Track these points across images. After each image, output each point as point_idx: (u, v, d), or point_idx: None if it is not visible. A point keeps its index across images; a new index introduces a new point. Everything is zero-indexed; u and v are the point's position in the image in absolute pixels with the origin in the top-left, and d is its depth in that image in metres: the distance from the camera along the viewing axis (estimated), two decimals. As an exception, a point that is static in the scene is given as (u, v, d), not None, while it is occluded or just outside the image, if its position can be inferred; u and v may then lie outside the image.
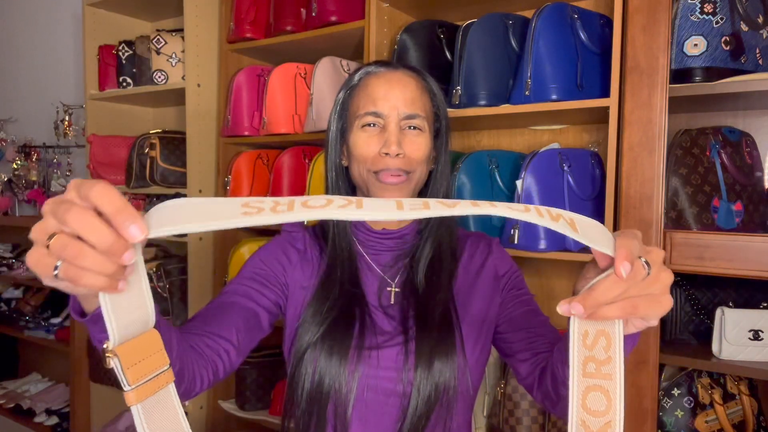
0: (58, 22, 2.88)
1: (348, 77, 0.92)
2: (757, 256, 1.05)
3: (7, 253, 2.88)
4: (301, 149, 1.79)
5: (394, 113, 0.84)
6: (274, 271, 0.88)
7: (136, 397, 0.44)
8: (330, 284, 0.86)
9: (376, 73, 0.88)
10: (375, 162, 0.85)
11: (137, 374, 0.45)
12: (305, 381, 0.80)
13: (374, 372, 0.81)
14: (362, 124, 0.86)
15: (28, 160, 2.80)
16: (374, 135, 0.85)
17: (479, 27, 1.39)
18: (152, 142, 2.04)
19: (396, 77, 0.87)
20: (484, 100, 1.37)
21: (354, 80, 0.90)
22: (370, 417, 0.81)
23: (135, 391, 0.44)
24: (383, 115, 0.85)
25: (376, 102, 0.85)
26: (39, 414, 2.53)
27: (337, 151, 0.92)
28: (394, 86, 0.85)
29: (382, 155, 0.84)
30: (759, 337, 1.12)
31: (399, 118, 0.85)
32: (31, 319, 2.59)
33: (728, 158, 1.19)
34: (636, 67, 1.13)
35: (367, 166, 0.85)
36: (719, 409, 1.18)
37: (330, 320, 0.82)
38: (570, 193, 1.32)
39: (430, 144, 0.88)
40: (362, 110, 0.86)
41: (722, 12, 1.12)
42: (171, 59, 2.04)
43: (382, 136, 0.85)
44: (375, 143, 0.85)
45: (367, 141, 0.85)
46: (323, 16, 1.63)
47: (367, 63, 0.92)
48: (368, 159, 0.85)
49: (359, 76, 0.90)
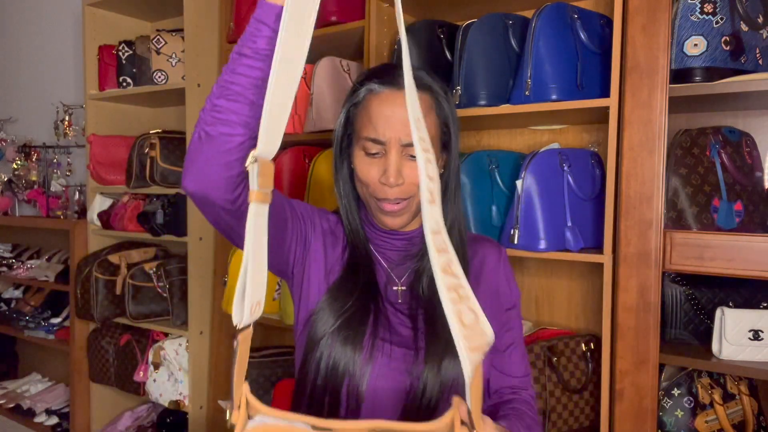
0: (58, 22, 2.88)
1: (352, 88, 0.91)
2: (757, 256, 1.05)
3: (7, 253, 2.88)
4: (301, 149, 1.79)
5: (395, 141, 0.83)
6: (305, 224, 0.91)
7: (256, 197, 0.54)
8: (351, 279, 0.89)
9: (379, 94, 0.86)
10: (375, 190, 0.86)
11: (261, 182, 0.56)
12: (321, 363, 0.83)
13: (386, 362, 0.83)
14: (364, 148, 0.86)
15: (28, 160, 2.80)
16: (375, 163, 0.85)
17: (479, 27, 1.39)
18: (152, 142, 2.04)
19: (399, 100, 0.84)
20: (484, 100, 1.37)
21: (359, 97, 0.89)
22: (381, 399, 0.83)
23: (257, 193, 0.55)
24: (384, 142, 0.84)
25: (377, 129, 0.84)
26: (39, 414, 2.53)
27: (343, 162, 0.93)
28: (396, 111, 0.83)
29: (381, 184, 0.84)
30: (759, 337, 1.12)
31: (400, 144, 0.84)
32: (31, 319, 2.59)
33: (728, 158, 1.19)
34: (636, 67, 1.13)
35: (369, 191, 0.87)
36: (719, 409, 1.18)
37: (348, 314, 0.85)
38: (570, 193, 1.32)
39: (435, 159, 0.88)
40: (364, 133, 0.85)
41: (722, 12, 1.12)
42: (171, 59, 2.04)
43: (382, 163, 0.85)
44: (376, 171, 0.85)
45: (368, 168, 0.86)
46: (323, 16, 1.63)
47: (372, 75, 0.89)
48: (369, 185, 0.86)
49: (363, 94, 0.88)
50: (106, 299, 2.12)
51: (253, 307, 0.52)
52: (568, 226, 1.31)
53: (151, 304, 2.10)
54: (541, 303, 1.62)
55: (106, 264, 2.13)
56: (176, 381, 2.05)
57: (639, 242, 1.13)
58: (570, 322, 1.58)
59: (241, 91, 0.69)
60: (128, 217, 2.13)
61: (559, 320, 1.60)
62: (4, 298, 2.87)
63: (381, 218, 0.88)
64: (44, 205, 2.71)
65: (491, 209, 1.42)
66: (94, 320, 2.13)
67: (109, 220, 2.20)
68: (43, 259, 2.72)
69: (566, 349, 1.36)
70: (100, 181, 2.26)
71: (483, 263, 0.94)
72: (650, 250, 1.12)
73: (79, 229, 2.31)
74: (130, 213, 2.14)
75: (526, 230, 1.29)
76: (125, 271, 2.12)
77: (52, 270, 2.51)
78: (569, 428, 1.35)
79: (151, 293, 2.10)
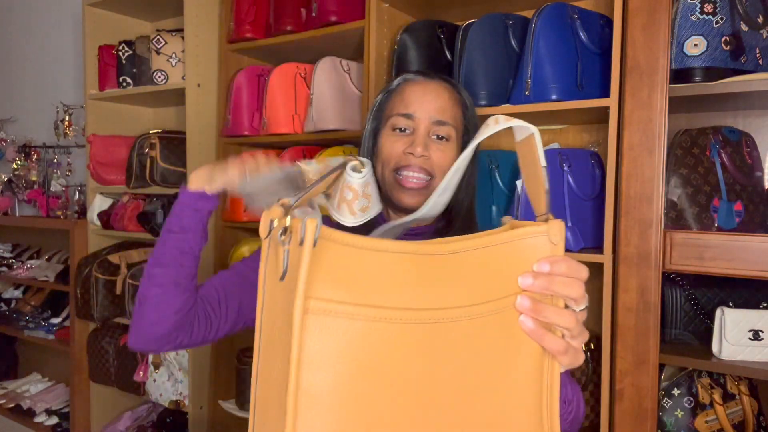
0: (58, 22, 2.88)
1: (387, 83, 0.98)
2: (757, 256, 1.05)
3: (7, 253, 2.88)
4: (301, 149, 1.79)
5: (425, 118, 0.88)
6: (242, 286, 0.93)
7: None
8: None
9: (414, 81, 0.92)
10: (399, 159, 0.88)
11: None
12: None
13: None
14: (393, 126, 0.90)
15: (28, 160, 2.80)
16: (402, 139, 0.89)
17: (479, 27, 1.39)
18: (152, 142, 2.04)
19: (432, 86, 0.91)
20: (484, 100, 1.37)
21: (392, 85, 0.95)
22: None
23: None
24: (414, 117, 0.88)
25: (409, 105, 0.89)
26: (39, 414, 2.53)
27: (369, 151, 0.95)
28: (428, 93, 0.90)
29: (406, 154, 0.87)
30: (759, 337, 1.12)
31: (429, 123, 0.88)
32: (31, 319, 2.59)
33: (728, 158, 1.19)
34: (636, 67, 1.13)
35: (391, 165, 0.89)
36: (719, 409, 1.18)
37: None
38: (570, 193, 1.32)
39: (456, 155, 0.90)
40: (395, 111, 0.90)
41: (722, 12, 1.12)
42: (171, 59, 2.04)
43: (409, 139, 0.88)
44: (401, 144, 0.88)
45: (394, 143, 0.89)
46: (323, 16, 1.63)
47: (407, 71, 0.98)
48: (392, 157, 0.88)
49: (398, 82, 0.94)
50: (106, 299, 2.12)
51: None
52: (568, 226, 1.31)
53: (151, 304, 2.10)
54: (541, 303, 1.62)
55: (106, 264, 2.13)
56: (176, 381, 2.05)
57: (639, 242, 1.13)
58: (570, 322, 1.58)
59: (169, 261, 0.82)
60: (128, 217, 2.13)
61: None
62: (4, 298, 2.87)
63: (398, 196, 0.89)
64: (44, 205, 2.71)
65: (491, 209, 1.42)
66: (94, 320, 2.13)
67: (109, 220, 2.21)
68: (43, 259, 2.72)
69: (566, 349, 1.36)
70: (100, 181, 2.26)
71: None
72: (650, 250, 1.12)
73: (79, 229, 2.31)
74: (130, 213, 2.14)
75: (526, 230, 1.29)
76: (125, 271, 2.12)
77: (52, 270, 2.51)
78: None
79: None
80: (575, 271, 0.51)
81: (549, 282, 0.50)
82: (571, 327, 0.50)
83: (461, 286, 0.46)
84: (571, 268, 0.50)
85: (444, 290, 0.46)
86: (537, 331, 0.49)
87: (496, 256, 0.48)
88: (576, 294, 0.51)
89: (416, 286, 0.44)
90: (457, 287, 0.46)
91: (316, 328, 0.40)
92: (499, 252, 0.49)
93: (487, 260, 0.48)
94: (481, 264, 0.48)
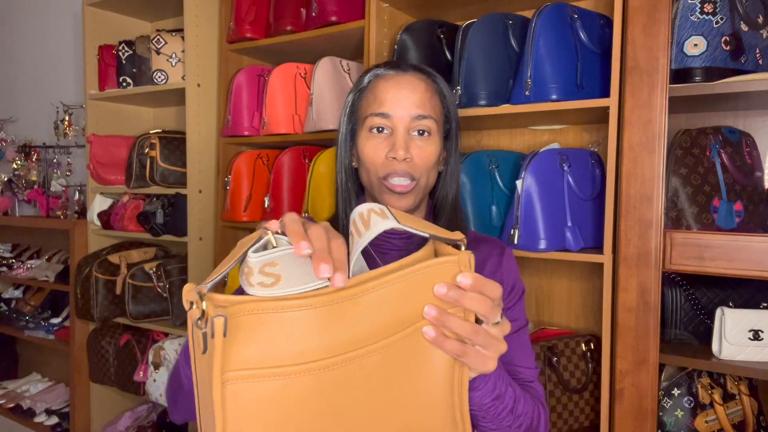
0: (58, 22, 2.88)
1: (357, 79, 0.93)
2: (757, 256, 1.05)
3: (7, 253, 2.88)
4: (301, 149, 1.79)
5: (403, 116, 0.84)
6: None
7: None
8: None
9: (385, 76, 0.88)
10: (383, 167, 0.85)
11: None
12: None
13: None
14: (370, 126, 0.86)
15: (28, 160, 2.80)
16: (382, 141, 0.86)
17: (479, 27, 1.39)
18: (152, 142, 2.04)
19: (405, 80, 0.86)
20: (484, 100, 1.37)
21: (363, 82, 0.91)
22: None
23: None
24: (391, 116, 0.85)
25: (383, 103, 0.85)
26: (39, 414, 2.53)
27: (347, 153, 0.93)
28: (402, 89, 0.85)
29: (389, 159, 0.84)
30: (759, 337, 1.12)
31: (408, 120, 0.85)
32: (31, 319, 2.59)
33: (728, 158, 1.19)
34: (636, 67, 1.13)
35: (378, 174, 0.86)
36: (719, 409, 1.18)
37: None
38: (570, 193, 1.32)
39: (438, 148, 0.89)
40: (370, 110, 0.86)
41: (722, 12, 1.12)
42: (171, 59, 2.04)
43: (389, 141, 0.85)
44: (383, 149, 0.85)
45: (375, 147, 0.86)
46: (323, 16, 1.63)
47: (376, 65, 0.92)
48: (376, 165, 0.86)
49: (368, 79, 0.90)
50: (106, 299, 2.12)
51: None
52: (568, 226, 1.31)
53: (151, 304, 2.10)
54: (541, 303, 1.62)
55: (106, 264, 2.13)
56: (176, 381, 2.05)
57: (639, 242, 1.13)
58: (570, 322, 1.58)
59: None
60: (128, 217, 2.13)
61: (559, 320, 1.60)
62: (4, 298, 2.87)
63: (387, 200, 0.87)
64: (44, 205, 2.71)
65: (491, 209, 1.42)
66: (94, 320, 2.13)
67: (109, 220, 2.21)
68: (43, 259, 2.72)
69: (566, 349, 1.36)
70: (100, 181, 2.26)
71: (482, 267, 0.94)
72: (650, 250, 1.12)
73: (79, 229, 2.31)
74: (130, 213, 2.14)
75: (526, 230, 1.29)
76: (125, 271, 2.12)
77: (52, 270, 2.51)
78: (569, 428, 1.35)
79: (151, 293, 2.10)
80: (489, 290, 0.55)
81: (460, 296, 0.53)
82: (472, 337, 0.55)
83: (374, 322, 0.50)
84: (485, 287, 0.55)
85: (357, 329, 0.49)
86: (437, 339, 0.53)
87: (409, 287, 0.52)
88: (484, 310, 0.55)
89: (329, 331, 0.47)
90: (371, 323, 0.50)
91: (236, 394, 0.44)
92: (413, 281, 0.52)
93: (400, 291, 0.51)
94: (394, 296, 0.51)
